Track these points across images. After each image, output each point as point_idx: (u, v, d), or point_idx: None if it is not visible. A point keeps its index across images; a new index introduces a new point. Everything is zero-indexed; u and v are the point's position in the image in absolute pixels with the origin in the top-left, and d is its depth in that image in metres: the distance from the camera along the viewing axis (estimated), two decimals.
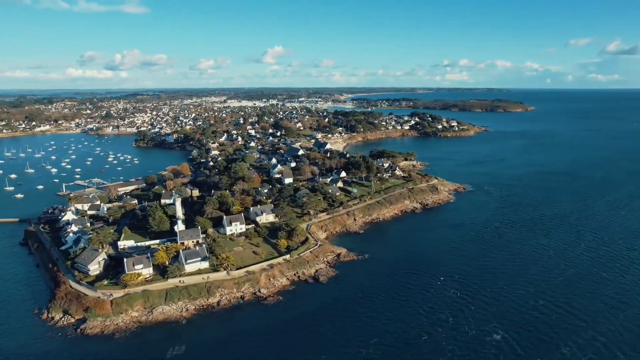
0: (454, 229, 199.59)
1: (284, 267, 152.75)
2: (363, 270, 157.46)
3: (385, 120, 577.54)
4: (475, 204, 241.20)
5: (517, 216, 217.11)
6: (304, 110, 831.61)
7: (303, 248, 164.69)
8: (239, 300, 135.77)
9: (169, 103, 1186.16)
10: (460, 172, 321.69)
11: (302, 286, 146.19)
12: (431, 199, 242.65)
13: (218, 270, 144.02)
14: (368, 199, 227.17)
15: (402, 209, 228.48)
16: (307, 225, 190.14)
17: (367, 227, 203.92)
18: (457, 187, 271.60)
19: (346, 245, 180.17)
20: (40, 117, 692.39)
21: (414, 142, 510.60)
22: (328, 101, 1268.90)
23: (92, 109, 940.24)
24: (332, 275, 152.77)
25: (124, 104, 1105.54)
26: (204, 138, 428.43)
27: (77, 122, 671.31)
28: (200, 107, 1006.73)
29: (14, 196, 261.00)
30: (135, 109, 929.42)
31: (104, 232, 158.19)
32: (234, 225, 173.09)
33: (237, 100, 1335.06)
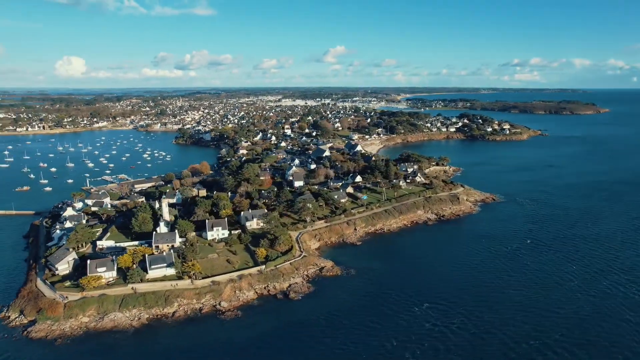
0: (465, 245, 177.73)
1: (254, 279, 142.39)
2: (342, 288, 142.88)
3: (430, 121, 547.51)
4: (501, 217, 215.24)
5: (545, 234, 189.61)
6: (352, 110, 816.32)
7: (282, 259, 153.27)
8: (196, 313, 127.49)
9: (225, 101, 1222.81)
10: (498, 180, 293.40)
11: (268, 302, 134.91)
12: (449, 210, 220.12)
13: (182, 278, 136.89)
14: (376, 207, 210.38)
15: (413, 220, 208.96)
16: (299, 234, 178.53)
17: (367, 239, 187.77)
18: (486, 197, 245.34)
19: (337, 258, 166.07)
20: (102, 114, 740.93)
21: (458, 145, 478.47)
22: (382, 101, 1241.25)
23: (151, 107, 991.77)
24: (306, 292, 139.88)
25: (183, 102, 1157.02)
26: (237, 137, 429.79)
27: (132, 118, 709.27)
28: (253, 106, 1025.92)
29: (44, 189, 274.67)
30: (190, 107, 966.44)
31: (82, 231, 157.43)
32: (215, 230, 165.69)
33: (291, 100, 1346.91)
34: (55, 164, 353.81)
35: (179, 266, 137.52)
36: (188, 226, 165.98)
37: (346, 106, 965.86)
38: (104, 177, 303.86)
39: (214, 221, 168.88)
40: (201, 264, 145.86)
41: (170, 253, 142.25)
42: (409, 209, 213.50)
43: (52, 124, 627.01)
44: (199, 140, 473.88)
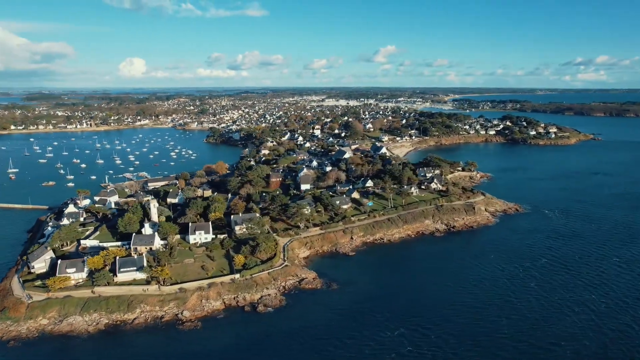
0: (468, 261, 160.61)
1: (225, 288, 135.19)
2: (317, 303, 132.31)
3: (469, 123, 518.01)
4: (520, 230, 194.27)
5: (566, 253, 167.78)
6: (391, 110, 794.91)
7: (259, 268, 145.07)
8: (156, 321, 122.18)
9: (269, 101, 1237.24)
10: (530, 188, 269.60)
11: (234, 314, 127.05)
12: (462, 221, 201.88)
13: (151, 283, 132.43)
14: (379, 214, 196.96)
15: (419, 230, 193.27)
16: (289, 241, 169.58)
17: (363, 249, 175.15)
18: (508, 207, 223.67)
19: (323, 269, 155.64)
20: (147, 112, 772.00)
21: (495, 149, 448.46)
22: (427, 102, 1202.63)
23: (197, 105, 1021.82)
24: (277, 305, 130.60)
25: (228, 101, 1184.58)
26: (263, 136, 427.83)
27: (172, 117, 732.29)
28: (295, 106, 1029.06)
29: (67, 184, 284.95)
30: (233, 106, 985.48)
31: (66, 230, 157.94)
32: (197, 233, 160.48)
33: (334, 100, 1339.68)
34: (86, 160, 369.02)
35: (148, 270, 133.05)
36: (171, 228, 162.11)
37: (388, 106, 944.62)
38: (125, 175, 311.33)
39: (197, 224, 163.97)
40: (175, 269, 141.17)
41: (141, 256, 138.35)
42: (415, 218, 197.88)
43: (99, 121, 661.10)
44: (229, 140, 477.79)
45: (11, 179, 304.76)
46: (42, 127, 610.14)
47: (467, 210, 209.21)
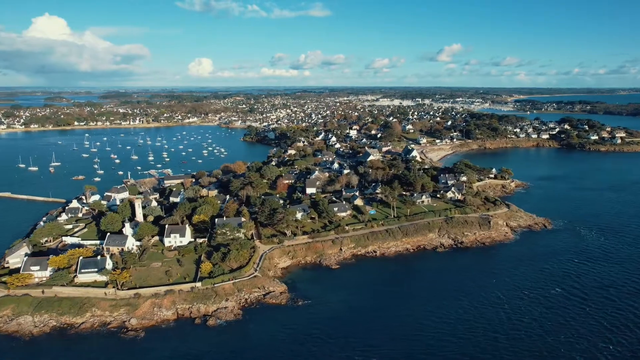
0: (463, 284, 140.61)
1: (182, 296, 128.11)
2: (274, 321, 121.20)
3: (520, 126, 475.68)
4: (541, 250, 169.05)
5: (590, 281, 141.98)
6: (442, 111, 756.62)
7: (225, 277, 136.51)
8: (102, 327, 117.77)
9: (321, 100, 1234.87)
10: (571, 200, 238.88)
11: (183, 325, 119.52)
12: (473, 236, 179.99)
13: (107, 286, 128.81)
14: (377, 224, 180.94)
15: (420, 244, 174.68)
16: (270, 249, 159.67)
17: (351, 262, 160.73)
18: (535, 222, 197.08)
19: (297, 282, 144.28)
20: (198, 111, 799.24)
21: (546, 155, 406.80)
22: (486, 102, 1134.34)
23: (250, 104, 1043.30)
24: (231, 319, 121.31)
25: (281, 100, 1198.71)
26: (295, 136, 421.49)
27: (220, 115, 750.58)
28: (346, 105, 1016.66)
29: (94, 179, 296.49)
30: (284, 105, 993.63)
31: (50, 226, 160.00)
32: (172, 236, 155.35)
33: (389, 99, 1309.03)
34: (123, 156, 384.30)
35: (106, 273, 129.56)
36: (148, 230, 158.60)
37: (442, 107, 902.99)
38: (150, 171, 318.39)
39: (172, 227, 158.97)
40: (138, 273, 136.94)
41: (104, 258, 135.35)
42: (418, 230, 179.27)
43: (151, 118, 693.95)
44: (264, 138, 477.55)
45: (50, 172, 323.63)
46: (101, 124, 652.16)
47: (481, 224, 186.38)
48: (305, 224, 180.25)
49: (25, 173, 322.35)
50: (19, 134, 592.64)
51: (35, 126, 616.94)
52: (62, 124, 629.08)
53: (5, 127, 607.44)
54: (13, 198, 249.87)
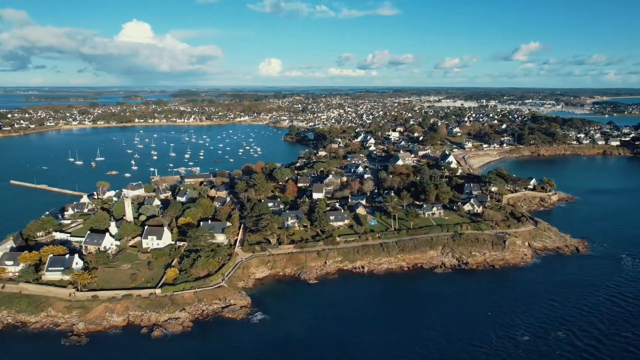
0: (449, 318, 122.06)
1: (137, 302, 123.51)
2: (221, 339, 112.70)
3: (585, 131, 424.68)
4: (559, 279, 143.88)
5: (612, 328, 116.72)
6: (502, 113, 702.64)
7: (186, 285, 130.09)
8: (51, 328, 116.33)
9: (380, 101, 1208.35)
10: (626, 220, 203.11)
11: (129, 334, 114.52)
12: (481, 257, 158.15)
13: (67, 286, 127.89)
14: (373, 237, 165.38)
15: (418, 262, 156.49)
16: (250, 257, 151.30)
17: (332, 278, 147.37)
18: (565, 245, 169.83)
19: (268, 296, 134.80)
20: (252, 109, 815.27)
21: (612, 164, 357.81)
22: (559, 105, 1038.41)
23: (307, 103, 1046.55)
24: (178, 331, 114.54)
25: (338, 100, 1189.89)
26: (331, 137, 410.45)
27: (271, 115, 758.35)
28: (404, 106, 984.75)
29: (124, 175, 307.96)
30: (338, 106, 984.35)
31: (43, 220, 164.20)
32: (149, 238, 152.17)
33: (451, 100, 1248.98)
34: (163, 153, 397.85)
35: (68, 272, 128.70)
36: (129, 230, 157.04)
37: (506, 109, 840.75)
38: (179, 169, 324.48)
39: (150, 228, 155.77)
40: (105, 274, 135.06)
41: (72, 257, 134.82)
42: (417, 246, 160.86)
43: (204, 116, 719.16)
44: (303, 139, 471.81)
45: (92, 166, 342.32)
46: (158, 121, 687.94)
47: (495, 243, 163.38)
48: (296, 232, 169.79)
49: (71, 167, 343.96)
50: (87, 129, 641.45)
51: (102, 123, 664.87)
52: (124, 121, 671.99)
53: (77, 124, 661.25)
54: (47, 190, 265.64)
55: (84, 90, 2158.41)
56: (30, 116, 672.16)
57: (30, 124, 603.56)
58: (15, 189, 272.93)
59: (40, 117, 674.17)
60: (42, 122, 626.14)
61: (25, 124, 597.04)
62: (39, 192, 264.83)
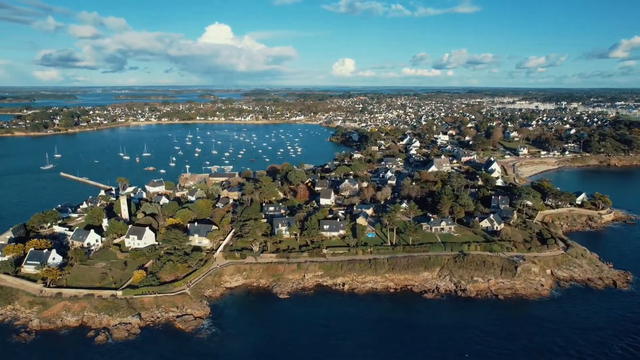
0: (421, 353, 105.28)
1: (95, 303, 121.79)
2: (162, 351, 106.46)
3: None
4: (576, 321, 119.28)
5: None
6: (579, 117, 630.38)
7: (146, 289, 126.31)
8: (10, 322, 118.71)
9: (447, 102, 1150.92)
10: None
11: (77, 335, 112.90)
12: (484, 283, 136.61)
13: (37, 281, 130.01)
14: (364, 252, 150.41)
15: (408, 284, 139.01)
16: (226, 264, 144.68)
17: (307, 294, 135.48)
18: (599, 276, 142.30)
19: (231, 308, 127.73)
20: (310, 109, 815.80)
21: None
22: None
23: (368, 104, 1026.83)
24: (122, 338, 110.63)
25: (403, 100, 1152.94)
26: (373, 139, 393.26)
27: (327, 115, 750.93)
28: (471, 107, 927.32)
29: (159, 171, 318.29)
30: (398, 106, 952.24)
31: (48, 213, 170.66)
32: (131, 238, 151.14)
33: (527, 102, 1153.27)
34: (206, 150, 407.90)
35: (39, 267, 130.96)
36: (116, 227, 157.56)
37: (588, 112, 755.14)
38: (214, 167, 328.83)
39: (133, 228, 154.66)
40: (78, 271, 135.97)
41: (49, 252, 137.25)
42: (411, 265, 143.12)
43: (261, 115, 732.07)
44: (348, 140, 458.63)
45: (136, 161, 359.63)
46: (217, 119, 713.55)
47: (505, 268, 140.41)
48: (285, 240, 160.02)
49: (119, 161, 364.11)
50: (153, 126, 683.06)
51: (166, 120, 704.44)
52: (186, 118, 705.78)
53: (145, 120, 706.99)
54: (85, 183, 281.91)
55: (167, 89, 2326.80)
56: (107, 113, 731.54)
57: (104, 120, 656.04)
58: (62, 181, 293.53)
59: (114, 114, 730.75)
60: (114, 119, 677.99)
61: (99, 120, 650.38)
62: (79, 184, 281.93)
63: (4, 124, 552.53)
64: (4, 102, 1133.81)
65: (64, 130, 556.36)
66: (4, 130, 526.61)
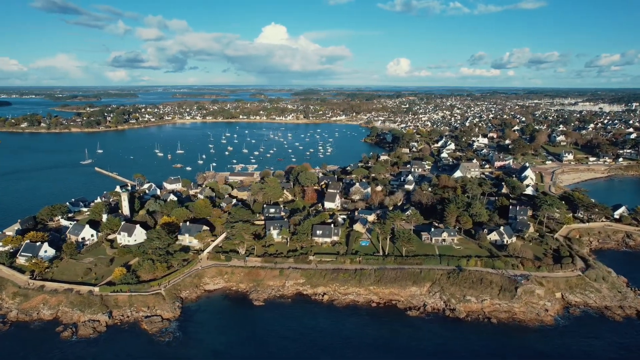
0: None
1: (72, 298, 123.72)
2: (117, 350, 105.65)
3: None
4: (589, 354, 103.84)
5: None
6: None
7: (122, 287, 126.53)
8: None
9: (502, 103, 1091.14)
10: None
11: (47, 329, 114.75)
12: (477, 304, 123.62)
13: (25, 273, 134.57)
14: (352, 261, 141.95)
15: (393, 299, 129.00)
16: (208, 266, 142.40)
17: (284, 302, 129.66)
18: (620, 304, 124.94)
19: (203, 312, 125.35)
20: (354, 109, 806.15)
21: None
22: None
23: (418, 104, 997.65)
24: (86, 336, 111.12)
25: (454, 101, 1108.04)
26: (405, 140, 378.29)
27: (369, 115, 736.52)
28: (523, 109, 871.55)
29: (186, 168, 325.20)
30: (449, 107, 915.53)
31: (56, 206, 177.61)
32: (122, 234, 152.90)
33: (591, 104, 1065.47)
34: (237, 149, 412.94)
35: (28, 260, 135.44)
36: (112, 224, 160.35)
37: None
38: (237, 165, 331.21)
39: (124, 225, 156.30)
40: (66, 265, 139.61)
41: (42, 244, 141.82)
42: (398, 278, 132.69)
43: (302, 115, 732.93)
44: (382, 140, 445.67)
45: (168, 158, 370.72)
46: (259, 118, 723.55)
47: (505, 288, 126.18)
48: (276, 244, 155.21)
49: (153, 157, 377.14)
50: (197, 124, 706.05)
51: (210, 118, 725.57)
52: (229, 117, 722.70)
53: (190, 118, 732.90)
54: (114, 178, 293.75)
55: (222, 88, 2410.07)
56: (156, 111, 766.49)
57: (152, 117, 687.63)
58: (95, 175, 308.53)
59: (163, 112, 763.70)
60: (162, 117, 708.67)
61: (148, 117, 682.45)
62: (109, 179, 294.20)
63: (64, 120, 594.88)
64: (75, 100, 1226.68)
65: (114, 127, 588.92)
66: (63, 126, 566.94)
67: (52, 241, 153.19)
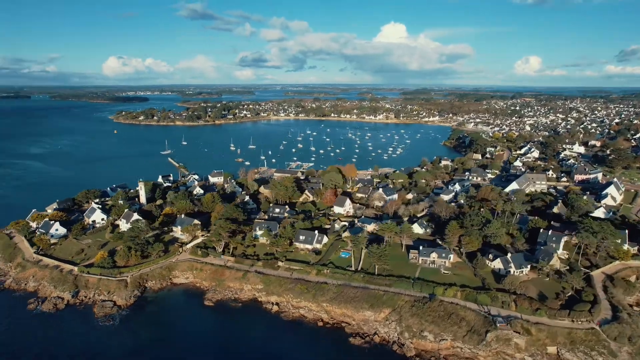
0: None
1: (55, 275, 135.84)
2: (63, 330, 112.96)
3: None
4: None
5: None
6: None
7: (95, 270, 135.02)
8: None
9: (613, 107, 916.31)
10: None
11: (23, 299, 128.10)
12: (433, 343, 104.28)
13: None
14: (322, 273, 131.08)
15: (344, 321, 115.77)
16: (185, 259, 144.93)
17: (234, 306, 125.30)
18: None
19: (156, 304, 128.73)
20: (451, 110, 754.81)
21: None
22: None
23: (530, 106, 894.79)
24: (46, 310, 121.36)
25: (578, 103, 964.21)
26: (479, 145, 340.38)
27: (466, 116, 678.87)
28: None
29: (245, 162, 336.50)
30: (565, 110, 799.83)
31: (87, 191, 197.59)
32: (122, 221, 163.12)
33: None
34: (307, 146, 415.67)
35: (37, 237, 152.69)
36: (121, 210, 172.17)
37: None
38: (294, 162, 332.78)
39: (126, 212, 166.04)
40: (69, 244, 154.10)
41: (54, 223, 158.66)
42: (357, 299, 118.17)
43: (392, 114, 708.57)
44: (461, 144, 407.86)
45: (238, 152, 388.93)
46: (349, 116, 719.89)
47: (474, 330, 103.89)
48: (261, 245, 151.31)
49: (226, 151, 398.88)
50: (290, 121, 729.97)
51: (302, 115, 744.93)
52: (320, 115, 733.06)
53: (284, 115, 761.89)
54: (178, 168, 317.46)
55: (336, 87, 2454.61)
56: (256, 108, 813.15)
57: (248, 113, 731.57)
58: (165, 165, 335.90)
59: (261, 108, 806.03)
60: (258, 113, 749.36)
61: (245, 113, 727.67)
62: (174, 168, 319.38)
63: (171, 115, 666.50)
64: (199, 97, 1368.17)
65: (212, 121, 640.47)
66: (169, 120, 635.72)
67: (76, 221, 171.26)
